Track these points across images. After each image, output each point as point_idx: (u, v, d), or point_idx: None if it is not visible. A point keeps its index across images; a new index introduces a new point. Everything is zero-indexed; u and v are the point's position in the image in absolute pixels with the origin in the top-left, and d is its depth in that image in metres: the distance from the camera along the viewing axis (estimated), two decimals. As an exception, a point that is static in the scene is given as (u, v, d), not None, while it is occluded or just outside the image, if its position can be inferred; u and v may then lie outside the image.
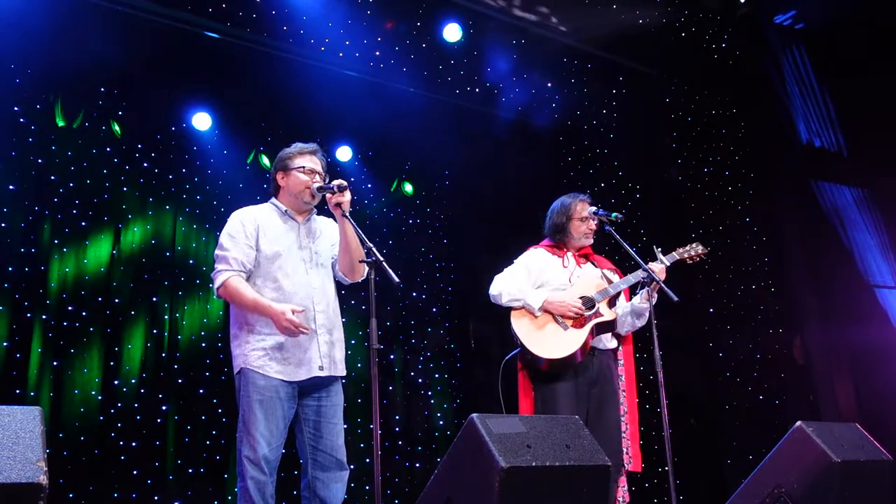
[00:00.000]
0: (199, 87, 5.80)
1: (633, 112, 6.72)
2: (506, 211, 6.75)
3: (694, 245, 4.09)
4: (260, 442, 3.08)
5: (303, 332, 3.12)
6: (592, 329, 3.88)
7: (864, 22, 5.86)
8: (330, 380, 3.30)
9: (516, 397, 4.00)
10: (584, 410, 3.84)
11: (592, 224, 4.10)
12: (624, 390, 4.06)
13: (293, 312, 3.09)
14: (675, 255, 4.06)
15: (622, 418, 4.00)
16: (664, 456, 3.57)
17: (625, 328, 4.07)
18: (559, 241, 4.15)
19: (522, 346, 3.90)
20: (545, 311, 3.90)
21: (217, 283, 3.23)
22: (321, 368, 3.22)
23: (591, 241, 4.16)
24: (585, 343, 3.84)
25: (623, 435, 3.98)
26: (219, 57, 5.67)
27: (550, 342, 3.86)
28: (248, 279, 3.27)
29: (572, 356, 3.82)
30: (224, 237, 3.29)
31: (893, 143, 5.75)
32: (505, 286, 3.99)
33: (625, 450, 3.95)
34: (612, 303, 4.00)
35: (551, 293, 3.94)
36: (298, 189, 3.36)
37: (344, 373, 3.37)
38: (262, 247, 3.28)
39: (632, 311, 4.01)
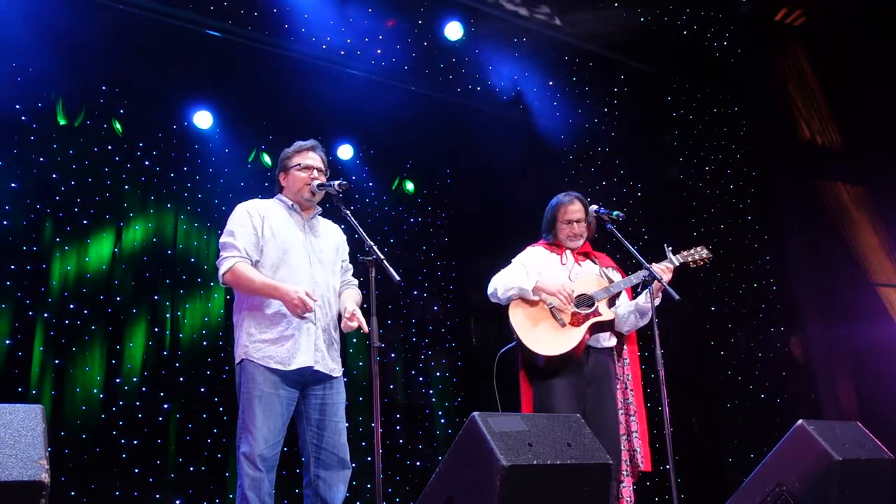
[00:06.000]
0: (201, 86, 5.80)
1: (635, 110, 6.71)
2: (507, 209, 6.75)
3: (699, 249, 4.05)
4: (257, 439, 3.08)
5: (306, 316, 3.11)
6: (590, 328, 3.87)
7: (864, 21, 5.86)
8: (331, 378, 3.30)
9: (516, 394, 4.00)
10: (581, 408, 3.82)
11: (577, 228, 4.07)
12: (632, 389, 4.04)
13: (307, 294, 3.08)
14: (680, 259, 4.03)
15: (632, 418, 3.99)
16: (665, 454, 3.57)
17: (626, 327, 4.04)
18: (553, 238, 4.15)
19: (519, 341, 3.89)
20: (537, 290, 3.86)
21: (223, 269, 3.22)
22: (315, 362, 3.21)
23: (579, 243, 4.12)
24: (581, 342, 3.83)
25: (635, 435, 3.97)
26: (220, 55, 5.66)
27: (546, 339, 3.84)
28: None
29: (569, 354, 3.81)
30: (230, 226, 3.31)
31: (893, 143, 5.75)
32: (500, 281, 3.99)
33: (638, 450, 3.94)
34: (611, 302, 3.96)
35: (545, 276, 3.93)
36: (298, 187, 3.39)
37: (341, 373, 3.37)
38: (266, 237, 3.29)
39: (636, 309, 3.99)
